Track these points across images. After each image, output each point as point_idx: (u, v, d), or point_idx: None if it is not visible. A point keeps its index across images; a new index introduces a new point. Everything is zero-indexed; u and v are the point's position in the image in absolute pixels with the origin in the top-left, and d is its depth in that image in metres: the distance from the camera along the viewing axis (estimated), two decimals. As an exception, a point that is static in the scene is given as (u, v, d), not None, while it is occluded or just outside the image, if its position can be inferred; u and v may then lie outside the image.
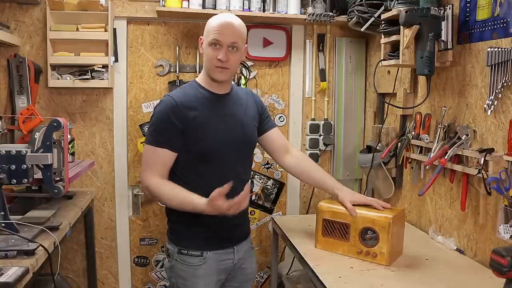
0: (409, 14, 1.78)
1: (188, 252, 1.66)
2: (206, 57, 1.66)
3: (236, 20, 1.67)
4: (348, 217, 1.76)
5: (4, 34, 2.22)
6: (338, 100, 2.81)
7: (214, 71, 1.65)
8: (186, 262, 1.66)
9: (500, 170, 1.59)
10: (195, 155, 1.66)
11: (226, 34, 1.61)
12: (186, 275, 1.66)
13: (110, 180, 2.62)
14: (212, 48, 1.62)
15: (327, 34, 2.76)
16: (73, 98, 2.54)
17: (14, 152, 1.57)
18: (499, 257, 1.19)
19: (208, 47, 1.63)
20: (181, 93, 1.69)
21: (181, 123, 1.62)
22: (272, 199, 2.84)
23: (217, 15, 1.70)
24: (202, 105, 1.67)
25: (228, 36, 1.61)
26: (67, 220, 1.90)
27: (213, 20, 1.66)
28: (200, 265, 1.65)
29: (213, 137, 1.66)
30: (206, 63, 1.68)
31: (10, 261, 1.42)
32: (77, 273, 2.63)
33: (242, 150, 1.76)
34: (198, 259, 1.66)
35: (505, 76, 1.58)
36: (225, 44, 1.61)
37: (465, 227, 1.86)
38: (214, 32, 1.61)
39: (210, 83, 1.71)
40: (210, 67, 1.65)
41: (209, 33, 1.63)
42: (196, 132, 1.64)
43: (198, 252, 1.66)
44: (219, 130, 1.67)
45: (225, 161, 1.68)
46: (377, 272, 1.64)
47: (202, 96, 1.69)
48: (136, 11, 2.53)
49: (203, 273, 1.66)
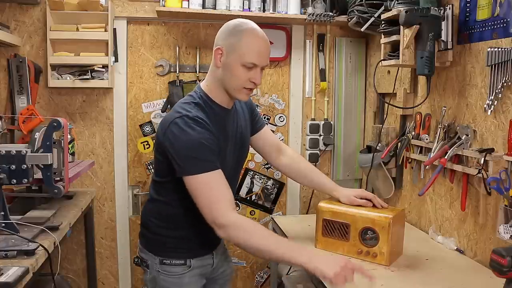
0: (409, 14, 1.78)
1: (172, 261, 1.57)
2: (236, 76, 1.46)
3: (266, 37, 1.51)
4: (348, 217, 1.76)
5: (4, 34, 2.22)
6: (338, 100, 2.81)
7: (241, 92, 1.50)
8: (170, 272, 1.58)
9: (500, 170, 1.59)
10: None
11: (265, 57, 1.48)
12: (170, 285, 1.58)
13: (110, 180, 2.62)
14: (245, 68, 1.45)
15: (327, 34, 2.76)
16: (73, 98, 2.54)
17: (14, 152, 1.57)
18: (499, 257, 1.19)
19: (240, 66, 1.45)
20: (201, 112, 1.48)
21: (216, 138, 1.46)
22: (272, 199, 2.84)
23: (247, 29, 1.48)
24: (218, 123, 1.52)
25: (266, 59, 1.49)
26: (67, 220, 1.90)
27: (251, 37, 1.46)
28: (184, 274, 1.59)
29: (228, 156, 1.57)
30: (232, 82, 1.48)
31: (10, 261, 1.42)
32: (77, 273, 2.63)
33: (242, 160, 1.73)
34: (182, 268, 1.58)
35: (505, 76, 1.58)
36: (260, 66, 1.48)
37: (465, 227, 1.86)
38: (255, 54, 1.44)
39: (222, 98, 1.54)
40: (237, 88, 1.49)
41: (243, 52, 1.44)
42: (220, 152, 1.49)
43: (182, 260, 1.58)
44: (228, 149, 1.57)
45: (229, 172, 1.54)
46: (377, 272, 1.64)
47: (217, 113, 1.53)
48: (136, 11, 2.53)
49: (187, 281, 1.60)
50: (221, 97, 1.54)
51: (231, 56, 1.46)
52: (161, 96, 2.63)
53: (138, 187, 2.66)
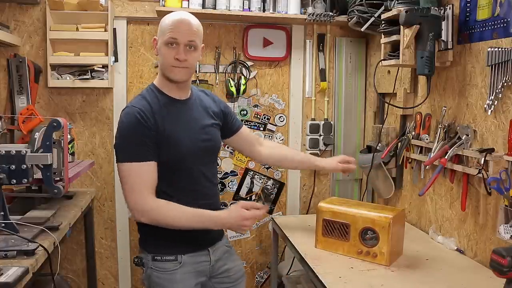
0: (409, 14, 1.77)
1: (162, 257, 1.60)
2: (162, 57, 1.56)
3: (193, 18, 1.59)
4: (348, 217, 1.76)
5: (4, 34, 2.21)
6: (338, 100, 2.81)
7: (171, 71, 1.56)
8: (162, 268, 1.60)
9: (500, 170, 1.59)
10: (162, 165, 1.56)
11: (183, 32, 1.54)
12: (163, 281, 1.60)
13: (110, 180, 2.62)
14: (168, 47, 1.54)
15: (327, 34, 2.76)
16: (73, 98, 2.54)
17: (14, 152, 1.57)
18: (499, 257, 1.19)
19: (163, 46, 1.54)
20: (143, 101, 1.57)
21: (153, 132, 1.53)
22: (272, 199, 2.84)
23: (171, 13, 1.60)
24: (164, 112, 1.58)
25: (185, 34, 1.54)
26: (67, 220, 1.90)
27: (167, 18, 1.57)
28: (176, 270, 1.59)
29: (179, 145, 1.58)
30: (162, 64, 1.58)
31: (10, 261, 1.42)
32: (77, 273, 2.63)
33: (209, 155, 1.71)
34: (173, 264, 1.59)
35: (505, 76, 1.58)
36: (182, 43, 1.53)
37: (465, 227, 1.86)
38: (170, 30, 1.53)
39: (169, 86, 1.62)
40: (166, 67, 1.56)
41: (164, 32, 1.54)
42: (164, 141, 1.55)
43: (172, 256, 1.60)
44: (184, 136, 1.60)
45: (194, 167, 1.62)
46: (377, 272, 1.64)
47: (163, 102, 1.60)
48: (136, 11, 2.53)
49: (180, 278, 1.60)
50: (168, 86, 1.62)
51: (159, 41, 1.58)
52: (161, 96, 2.63)
53: (138, 187, 2.66)
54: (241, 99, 2.72)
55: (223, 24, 2.64)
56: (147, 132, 1.52)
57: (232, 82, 2.63)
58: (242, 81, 2.65)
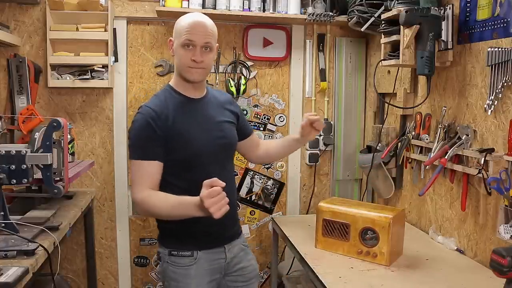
0: (409, 14, 1.78)
1: (179, 253, 1.64)
2: (179, 58, 1.61)
3: (208, 19, 1.63)
4: (348, 217, 1.76)
5: (4, 34, 2.21)
6: (338, 100, 2.81)
7: (188, 71, 1.61)
8: (177, 263, 1.64)
9: (500, 170, 1.59)
10: (179, 163, 1.62)
11: (199, 34, 1.58)
12: (178, 276, 1.64)
13: (110, 180, 2.62)
14: (185, 49, 1.58)
15: (327, 34, 2.76)
16: (73, 98, 2.54)
17: (14, 152, 1.57)
18: (499, 257, 1.19)
19: (180, 48, 1.59)
20: (156, 101, 1.63)
21: (163, 132, 1.58)
22: (272, 199, 2.84)
23: (186, 15, 1.64)
24: (179, 111, 1.63)
25: (202, 36, 1.58)
26: (67, 220, 1.90)
27: (183, 20, 1.61)
28: (191, 265, 1.63)
29: (195, 142, 1.62)
30: (179, 65, 1.63)
31: (10, 261, 1.42)
32: (77, 273, 2.63)
33: (224, 151, 1.74)
34: (189, 260, 1.64)
35: (505, 76, 1.58)
36: (198, 45, 1.58)
37: (465, 227, 1.86)
38: (187, 32, 1.57)
39: (185, 86, 1.67)
40: (183, 68, 1.61)
41: (180, 34, 1.59)
42: (178, 139, 1.60)
43: (189, 252, 1.64)
44: (199, 134, 1.64)
45: (210, 164, 1.65)
46: (377, 272, 1.64)
47: (178, 101, 1.65)
48: (136, 11, 2.53)
49: (194, 274, 1.64)
50: (184, 86, 1.67)
51: (175, 42, 1.62)
52: (161, 96, 2.63)
53: (138, 187, 2.66)
54: (241, 99, 2.71)
55: (223, 24, 2.64)
56: (156, 133, 1.57)
57: (232, 82, 2.63)
58: (242, 81, 2.65)
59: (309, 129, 1.76)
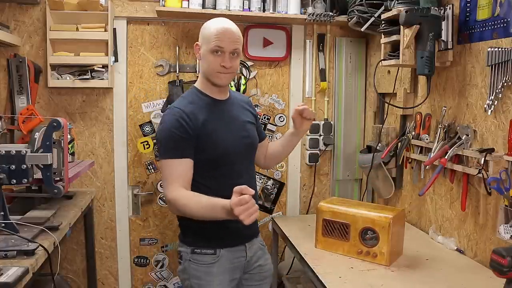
0: (409, 14, 1.78)
1: (202, 250, 1.67)
2: (208, 64, 1.65)
3: (234, 25, 1.67)
4: (348, 217, 1.76)
5: (4, 34, 2.21)
6: (338, 100, 2.81)
7: (216, 76, 1.65)
8: (200, 261, 1.66)
9: (500, 170, 1.59)
10: (207, 162, 1.65)
11: (228, 40, 1.62)
12: (200, 274, 1.66)
13: (110, 180, 2.62)
14: (214, 55, 1.62)
15: (327, 34, 2.76)
16: (73, 98, 2.54)
17: (14, 152, 1.57)
18: (499, 257, 1.19)
19: (209, 54, 1.63)
20: (185, 102, 1.68)
21: (194, 132, 1.61)
22: (272, 199, 2.84)
23: (213, 20, 1.68)
24: (206, 111, 1.67)
25: (230, 43, 1.62)
26: (67, 220, 1.90)
27: (212, 27, 1.64)
28: (213, 263, 1.66)
29: (223, 142, 1.67)
30: (208, 70, 1.66)
31: (10, 261, 1.42)
32: (77, 273, 2.63)
33: (250, 151, 1.80)
34: (212, 257, 1.66)
35: (505, 76, 1.58)
36: (227, 51, 1.62)
37: (465, 227, 1.86)
38: (216, 39, 1.61)
39: (211, 89, 1.71)
40: (212, 73, 1.65)
41: (209, 40, 1.62)
42: (207, 139, 1.64)
43: (211, 250, 1.67)
44: (227, 134, 1.68)
45: (236, 163, 1.70)
46: (377, 272, 1.64)
47: (205, 102, 1.70)
48: (136, 11, 2.53)
49: (216, 271, 1.66)
50: (210, 89, 1.71)
51: (203, 47, 1.66)
52: (161, 96, 2.63)
53: (138, 187, 2.66)
54: (241, 99, 2.71)
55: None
56: (185, 133, 1.60)
57: (232, 82, 2.63)
58: (242, 81, 2.65)
59: (300, 120, 1.78)
